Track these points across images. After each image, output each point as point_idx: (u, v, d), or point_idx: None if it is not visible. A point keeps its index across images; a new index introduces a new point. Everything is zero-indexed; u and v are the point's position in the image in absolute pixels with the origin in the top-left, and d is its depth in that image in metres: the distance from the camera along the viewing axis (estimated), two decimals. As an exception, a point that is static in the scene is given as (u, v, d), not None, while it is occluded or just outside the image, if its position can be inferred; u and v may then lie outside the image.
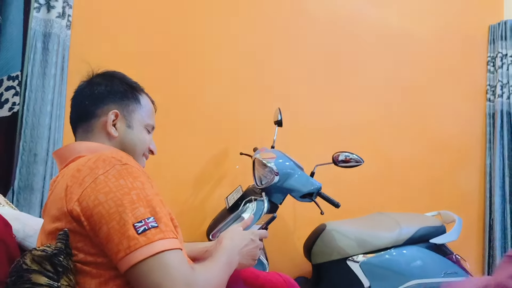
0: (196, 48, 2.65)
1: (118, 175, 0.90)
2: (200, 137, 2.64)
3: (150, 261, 0.83)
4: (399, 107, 2.91)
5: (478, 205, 2.95)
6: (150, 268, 0.83)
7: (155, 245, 0.84)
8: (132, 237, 0.83)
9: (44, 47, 2.19)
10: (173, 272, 0.84)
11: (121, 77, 1.18)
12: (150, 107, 1.21)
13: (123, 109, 1.12)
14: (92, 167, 0.92)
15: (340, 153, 2.06)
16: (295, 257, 2.60)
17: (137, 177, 0.92)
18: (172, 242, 0.87)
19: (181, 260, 0.87)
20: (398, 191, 2.87)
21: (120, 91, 1.14)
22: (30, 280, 0.83)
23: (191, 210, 2.61)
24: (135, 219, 0.85)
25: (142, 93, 1.20)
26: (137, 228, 0.84)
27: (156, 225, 0.86)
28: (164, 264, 0.83)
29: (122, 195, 0.87)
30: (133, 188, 0.89)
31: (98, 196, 0.87)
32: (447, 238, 2.24)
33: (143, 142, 1.15)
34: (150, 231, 0.85)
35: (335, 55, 2.85)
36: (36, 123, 2.15)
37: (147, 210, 0.88)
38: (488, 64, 3.00)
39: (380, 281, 2.12)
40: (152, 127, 1.20)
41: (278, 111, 2.30)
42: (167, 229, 0.88)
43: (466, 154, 2.97)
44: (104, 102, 1.11)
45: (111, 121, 1.10)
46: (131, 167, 0.94)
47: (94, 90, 1.12)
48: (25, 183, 2.12)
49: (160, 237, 0.85)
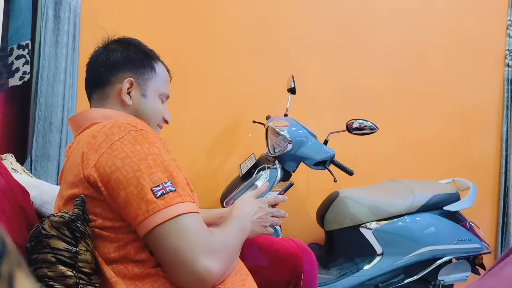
0: (207, 14, 2.61)
1: (134, 141, 0.90)
2: (213, 106, 2.63)
3: (169, 224, 0.84)
4: (414, 73, 2.85)
5: (494, 172, 2.92)
6: (169, 231, 0.84)
7: (174, 209, 0.85)
8: (150, 201, 0.84)
9: (55, 15, 2.18)
10: (191, 235, 0.85)
11: (137, 44, 1.17)
12: (166, 76, 1.19)
13: (138, 78, 1.11)
14: (107, 133, 0.92)
15: (354, 120, 2.04)
16: (308, 224, 2.63)
17: (153, 142, 0.92)
18: (190, 205, 0.88)
19: (199, 223, 0.88)
20: (412, 158, 2.85)
21: (136, 59, 1.12)
22: (49, 245, 0.85)
23: (205, 178, 2.63)
24: (153, 183, 0.86)
25: (158, 61, 1.18)
26: (155, 192, 0.85)
27: (174, 189, 0.87)
28: (183, 227, 0.84)
29: (139, 160, 0.88)
30: (149, 153, 0.89)
31: (115, 162, 0.88)
32: (461, 205, 2.23)
33: (157, 111, 1.15)
34: (168, 195, 0.85)
35: (349, 22, 2.78)
36: (50, 92, 2.16)
37: (165, 175, 0.88)
38: (508, 28, 2.90)
39: (393, 247, 2.14)
40: (167, 96, 1.19)
41: (291, 79, 2.27)
42: (184, 193, 0.89)
43: (482, 120, 2.92)
44: (120, 69, 1.10)
45: (126, 89, 1.09)
46: (147, 133, 0.93)
47: (110, 56, 1.11)
48: (41, 152, 2.15)
49: (178, 200, 0.86)
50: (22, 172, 1.41)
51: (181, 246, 0.83)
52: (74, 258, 0.85)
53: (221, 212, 1.31)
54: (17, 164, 1.45)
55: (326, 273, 2.20)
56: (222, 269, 0.88)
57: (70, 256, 0.85)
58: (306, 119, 2.22)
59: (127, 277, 0.88)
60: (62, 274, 0.84)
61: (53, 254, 0.85)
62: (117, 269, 0.89)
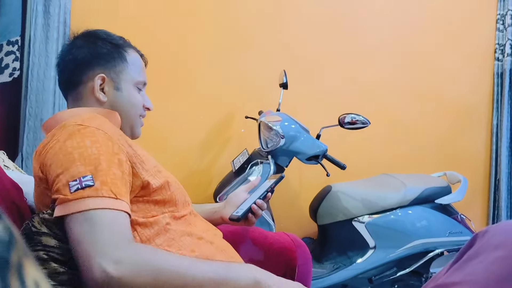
0: (199, 9, 2.60)
1: (67, 136, 0.89)
2: (205, 101, 2.63)
3: (76, 217, 0.80)
4: (406, 67, 2.87)
5: (484, 165, 2.95)
6: (75, 224, 0.80)
7: (81, 203, 0.81)
8: (63, 196, 0.82)
9: (45, 11, 2.16)
10: (95, 232, 0.79)
11: (104, 36, 1.11)
12: (139, 63, 1.14)
13: (110, 72, 1.07)
14: (54, 133, 0.93)
15: (346, 115, 2.04)
16: (301, 218, 2.64)
17: (87, 136, 0.89)
18: (104, 201, 0.82)
19: (111, 221, 0.81)
20: (404, 152, 2.86)
21: (104, 53, 1.08)
22: (41, 243, 0.85)
23: (198, 174, 2.63)
24: (71, 177, 0.83)
25: (129, 49, 1.13)
26: (71, 187, 0.82)
27: (91, 184, 0.83)
28: (88, 223, 0.80)
29: (64, 155, 0.86)
30: (78, 147, 0.87)
31: (47, 161, 0.89)
32: (452, 199, 2.25)
33: (135, 103, 1.11)
34: (83, 189, 0.82)
35: (341, 16, 2.79)
36: (41, 88, 2.14)
37: (87, 168, 0.84)
38: (497, 22, 2.92)
39: (385, 240, 2.15)
40: (144, 83, 1.15)
41: (283, 74, 2.27)
42: (102, 188, 0.83)
43: (472, 114, 2.94)
44: (89, 66, 1.07)
45: (98, 86, 1.06)
46: (85, 128, 0.91)
47: (77, 55, 1.07)
48: (32, 149, 2.14)
49: (89, 194, 0.82)
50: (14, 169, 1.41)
51: (82, 241, 0.79)
52: (67, 255, 0.85)
53: (214, 207, 1.31)
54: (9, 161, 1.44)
55: (320, 267, 2.21)
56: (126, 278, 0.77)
57: (62, 252, 0.85)
58: (298, 114, 2.22)
59: None
60: (55, 271, 0.83)
61: (45, 252, 0.84)
62: None
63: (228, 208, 1.25)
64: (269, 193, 1.25)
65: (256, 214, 1.21)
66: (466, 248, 0.77)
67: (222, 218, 1.25)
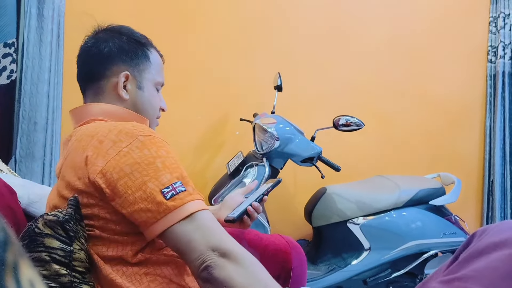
0: (195, 12, 2.60)
1: (142, 146, 0.89)
2: (200, 104, 2.63)
3: (182, 224, 0.83)
4: (399, 69, 2.88)
5: (478, 167, 2.97)
6: (182, 231, 0.83)
7: (185, 208, 0.84)
8: (160, 203, 0.83)
9: (39, 13, 2.15)
10: (205, 230, 0.84)
11: (129, 33, 1.11)
12: (160, 63, 1.15)
13: (134, 69, 1.07)
14: (115, 140, 0.90)
15: (340, 117, 2.05)
16: (296, 220, 2.64)
17: (161, 146, 0.91)
18: (201, 203, 0.87)
19: (212, 220, 0.87)
20: (398, 154, 2.88)
21: (129, 50, 1.08)
22: (43, 244, 0.85)
23: (192, 176, 2.61)
24: (162, 185, 0.85)
25: (151, 48, 1.14)
26: (165, 194, 0.84)
27: (184, 189, 0.86)
28: (196, 225, 0.84)
29: (147, 165, 0.86)
30: (157, 156, 0.88)
31: (124, 168, 0.86)
32: (446, 200, 2.26)
33: (154, 103, 1.12)
34: (178, 195, 0.85)
35: (335, 19, 2.80)
36: (35, 91, 2.13)
37: (174, 175, 0.87)
38: (490, 25, 2.95)
39: (380, 242, 2.16)
40: (162, 84, 1.16)
41: (277, 76, 2.28)
42: (194, 192, 0.88)
43: (466, 116, 2.96)
44: (113, 62, 1.06)
45: (122, 83, 1.05)
46: (154, 138, 0.92)
47: (102, 48, 1.06)
48: (26, 152, 2.13)
49: (189, 199, 0.85)
50: (8, 172, 1.40)
51: (194, 241, 0.82)
52: (69, 257, 0.85)
53: (210, 209, 1.31)
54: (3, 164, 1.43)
55: (315, 269, 2.21)
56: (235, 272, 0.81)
57: (64, 255, 0.85)
58: (293, 116, 2.23)
59: (126, 274, 0.89)
60: (57, 273, 0.84)
61: (47, 253, 0.84)
62: (115, 267, 0.89)
63: (223, 210, 1.25)
64: (266, 196, 1.25)
65: (251, 217, 1.21)
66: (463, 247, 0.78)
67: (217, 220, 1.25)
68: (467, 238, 0.78)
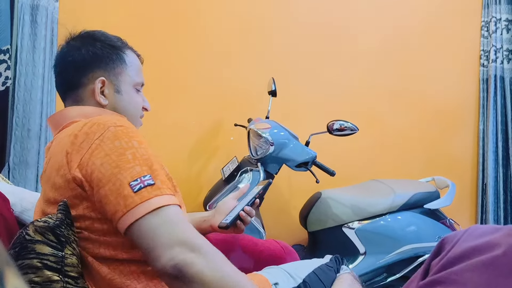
0: (188, 18, 2.60)
1: (113, 137, 0.88)
2: (194, 109, 2.62)
3: (147, 218, 0.81)
4: (392, 73, 2.89)
5: (471, 170, 2.98)
6: (147, 225, 0.81)
7: (151, 202, 0.82)
8: (127, 196, 0.82)
9: (32, 20, 2.15)
10: (170, 226, 0.82)
11: (103, 38, 1.10)
12: (137, 64, 1.14)
13: (110, 74, 1.07)
14: (88, 132, 0.90)
15: (334, 122, 2.05)
16: (291, 225, 2.64)
17: (133, 136, 0.90)
18: (169, 198, 0.85)
19: (178, 216, 0.85)
20: (392, 158, 2.88)
21: (104, 55, 1.07)
22: (35, 250, 0.84)
23: (187, 182, 2.62)
24: (131, 178, 0.84)
25: (127, 50, 1.13)
26: (133, 187, 0.83)
27: (152, 182, 0.85)
28: (161, 221, 0.82)
29: (117, 156, 0.86)
30: (128, 148, 0.88)
31: (95, 161, 0.86)
32: (441, 203, 2.26)
33: (135, 105, 1.11)
34: (146, 188, 0.83)
35: (329, 24, 2.81)
36: (28, 98, 2.12)
37: (144, 168, 0.86)
38: (482, 29, 2.97)
39: (375, 246, 2.16)
40: (142, 84, 1.15)
41: (272, 81, 2.28)
42: (163, 186, 0.86)
43: (459, 119, 2.98)
44: (89, 69, 1.05)
45: (99, 89, 1.05)
46: (126, 128, 0.92)
47: (76, 57, 1.06)
48: (19, 159, 2.12)
49: (156, 193, 0.84)
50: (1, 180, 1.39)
51: (159, 236, 0.81)
52: (61, 263, 0.85)
53: (204, 215, 1.31)
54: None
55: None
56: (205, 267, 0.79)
57: (56, 260, 0.84)
58: (287, 121, 2.23)
59: (123, 273, 0.88)
60: (49, 279, 0.83)
61: (38, 259, 0.84)
62: (112, 267, 0.89)
63: (217, 216, 1.25)
64: (257, 199, 1.25)
65: (244, 221, 1.21)
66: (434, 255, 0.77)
67: (211, 226, 1.25)
68: (436, 246, 0.77)
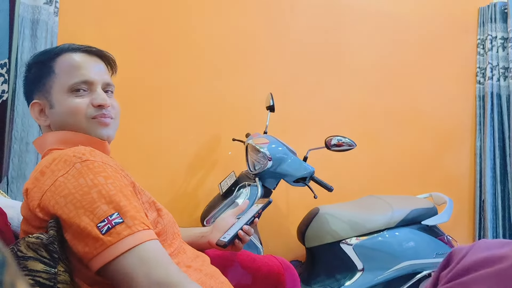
0: (185, 34, 2.62)
1: (78, 174, 0.85)
2: (192, 124, 2.63)
3: (121, 260, 0.79)
4: (390, 90, 2.92)
5: (469, 186, 2.98)
6: (123, 267, 0.79)
7: (123, 243, 0.79)
8: (96, 238, 0.79)
9: (32, 34, 2.16)
10: (144, 268, 0.79)
11: (34, 60, 1.07)
12: (70, 63, 1.03)
13: (42, 94, 1.03)
14: (53, 169, 0.88)
15: (332, 137, 2.06)
16: (289, 241, 2.63)
17: (98, 172, 0.86)
18: (142, 235, 0.82)
19: (153, 253, 0.82)
20: (390, 174, 2.89)
21: (34, 77, 1.04)
22: (27, 267, 0.83)
23: (185, 197, 2.61)
24: (98, 219, 0.81)
25: (58, 56, 1.04)
26: (100, 228, 0.80)
27: (121, 220, 0.81)
28: (136, 260, 0.79)
29: (82, 195, 0.83)
30: (93, 185, 0.84)
31: (58, 200, 0.84)
32: (438, 220, 2.27)
33: (70, 110, 1.00)
34: (114, 228, 0.80)
35: (324, 40, 2.84)
36: (27, 112, 2.12)
37: (111, 206, 0.82)
38: (478, 47, 3.01)
39: (373, 262, 2.15)
40: (82, 81, 1.02)
41: (270, 96, 2.29)
42: (134, 223, 0.83)
43: (456, 136, 2.99)
44: (30, 98, 1.06)
45: (37, 113, 1.04)
46: (93, 162, 0.88)
47: (23, 87, 1.09)
48: (17, 173, 2.11)
49: (127, 233, 0.80)
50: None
51: (136, 278, 0.78)
52: (53, 280, 0.83)
53: (202, 231, 1.31)
54: (-7, 185, 1.42)
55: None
56: None
57: (48, 277, 0.83)
58: (286, 137, 2.23)
59: None
60: None
61: (31, 277, 0.82)
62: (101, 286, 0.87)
63: (215, 232, 1.25)
64: (256, 218, 1.25)
65: (243, 240, 1.20)
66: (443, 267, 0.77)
67: (209, 242, 1.24)
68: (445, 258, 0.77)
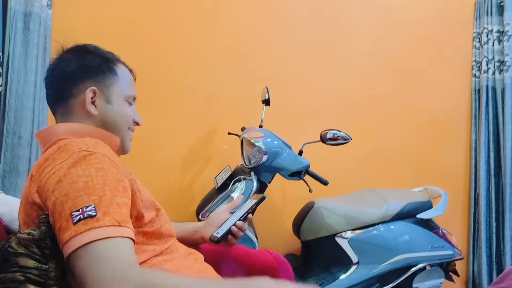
0: (180, 27, 2.60)
1: (72, 163, 0.86)
2: (187, 118, 2.62)
3: (78, 253, 0.77)
4: (385, 84, 2.91)
5: (464, 180, 2.99)
6: (78, 261, 0.77)
7: (83, 236, 0.77)
8: (67, 228, 0.79)
9: (25, 27, 2.14)
10: (102, 265, 0.75)
11: (93, 50, 1.11)
12: (129, 77, 1.15)
13: (100, 84, 1.07)
14: (55, 157, 0.89)
15: (328, 131, 2.06)
16: (284, 234, 2.63)
17: (92, 164, 0.87)
18: (108, 230, 0.79)
19: (115, 249, 0.78)
20: (385, 167, 2.89)
21: (94, 66, 1.07)
22: (18, 264, 0.82)
23: (180, 191, 2.61)
24: (74, 207, 0.80)
25: (118, 63, 1.13)
26: (73, 218, 0.79)
27: (93, 214, 0.80)
28: (90, 257, 0.76)
29: (69, 183, 0.83)
30: (83, 175, 0.84)
31: (49, 187, 0.85)
32: (433, 213, 2.27)
33: (125, 116, 1.11)
34: (84, 220, 0.79)
35: (320, 32, 2.83)
36: (20, 105, 2.11)
37: (91, 198, 0.81)
38: (474, 40, 3.00)
39: (368, 256, 2.15)
40: (133, 97, 1.15)
41: (265, 90, 2.28)
42: (105, 218, 0.80)
43: (451, 130, 2.99)
44: (79, 80, 1.06)
45: (90, 99, 1.04)
46: (91, 154, 0.88)
47: (66, 68, 1.06)
48: (10, 167, 2.10)
49: (91, 226, 0.78)
50: (-10, 188, 1.38)
51: (86, 279, 0.75)
52: (44, 276, 0.82)
53: (196, 226, 1.30)
54: (-15, 180, 1.41)
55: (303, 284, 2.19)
56: None
57: (39, 274, 0.82)
58: (281, 130, 2.23)
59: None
60: None
61: (21, 273, 0.81)
62: None
63: (208, 227, 1.25)
64: (250, 214, 1.24)
65: (236, 236, 1.20)
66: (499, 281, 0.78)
67: (202, 237, 1.24)
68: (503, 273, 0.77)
